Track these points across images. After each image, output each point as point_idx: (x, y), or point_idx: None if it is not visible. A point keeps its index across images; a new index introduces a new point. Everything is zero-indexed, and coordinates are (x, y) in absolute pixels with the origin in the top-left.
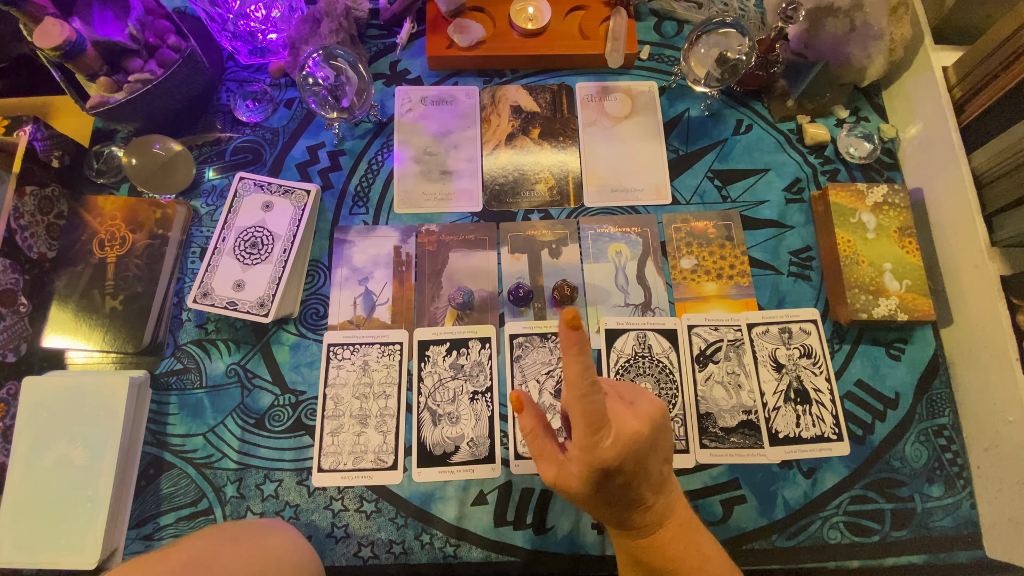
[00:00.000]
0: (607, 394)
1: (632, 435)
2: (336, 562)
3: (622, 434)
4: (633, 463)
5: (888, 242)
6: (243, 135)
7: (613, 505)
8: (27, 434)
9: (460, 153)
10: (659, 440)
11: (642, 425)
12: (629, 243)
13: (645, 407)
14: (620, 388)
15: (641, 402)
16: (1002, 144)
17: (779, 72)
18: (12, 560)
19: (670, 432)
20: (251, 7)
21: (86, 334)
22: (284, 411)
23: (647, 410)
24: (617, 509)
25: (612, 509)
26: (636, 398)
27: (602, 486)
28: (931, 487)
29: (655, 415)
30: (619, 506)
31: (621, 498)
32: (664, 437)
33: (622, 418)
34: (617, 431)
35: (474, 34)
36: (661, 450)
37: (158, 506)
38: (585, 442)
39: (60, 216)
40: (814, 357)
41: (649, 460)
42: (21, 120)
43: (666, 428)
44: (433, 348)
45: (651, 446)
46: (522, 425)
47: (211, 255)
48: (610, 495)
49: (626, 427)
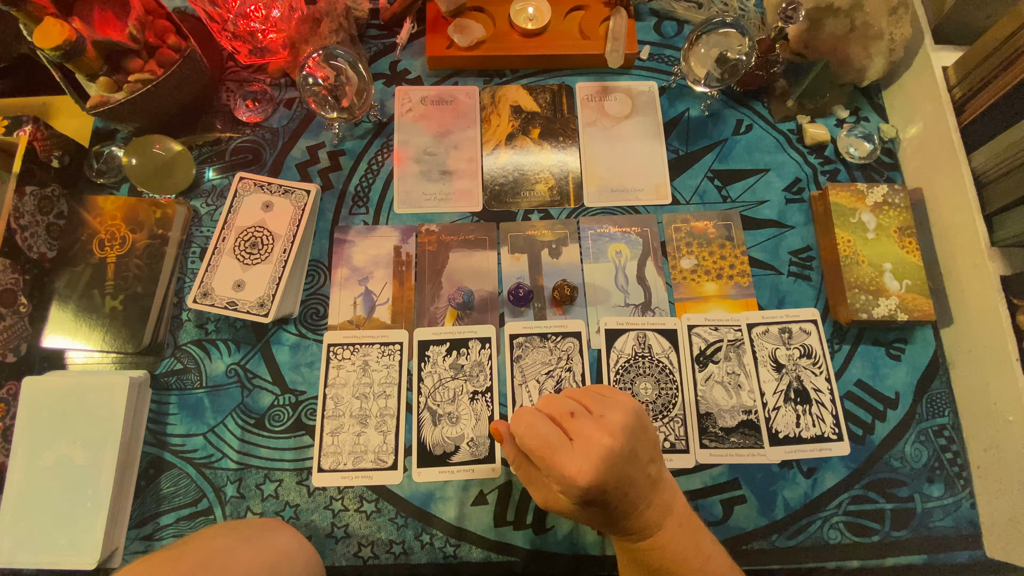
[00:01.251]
0: (574, 413)
1: (604, 454)
2: (336, 562)
3: (590, 453)
4: (615, 478)
5: (888, 242)
6: (243, 135)
7: (607, 517)
8: (27, 434)
9: (460, 153)
10: (637, 446)
11: (614, 440)
12: (629, 243)
13: (616, 417)
14: (588, 400)
15: (611, 412)
16: (1002, 144)
17: (779, 72)
18: (12, 560)
19: (648, 432)
20: (251, 7)
21: (86, 334)
22: (284, 411)
23: (619, 420)
24: (611, 520)
25: (607, 521)
26: (606, 409)
27: (590, 505)
28: (931, 487)
29: (628, 422)
30: (613, 517)
31: (613, 510)
32: (643, 441)
33: (591, 438)
34: (584, 451)
35: (474, 34)
36: (642, 454)
37: (158, 506)
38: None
39: (60, 216)
40: (814, 357)
41: (631, 468)
42: (21, 120)
43: (643, 430)
44: (433, 348)
45: (629, 456)
46: (506, 454)
47: (211, 255)
48: (600, 510)
49: (593, 445)
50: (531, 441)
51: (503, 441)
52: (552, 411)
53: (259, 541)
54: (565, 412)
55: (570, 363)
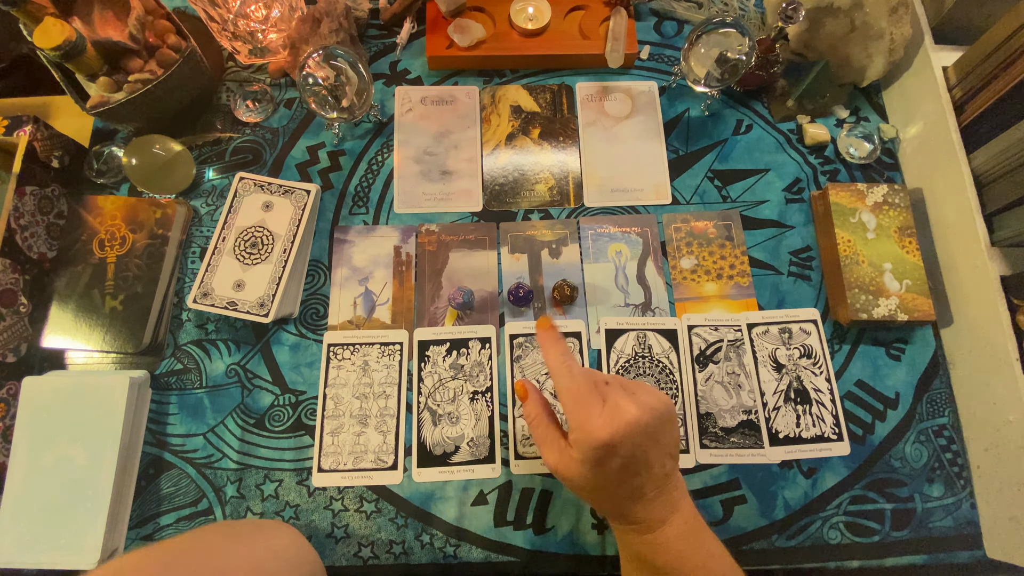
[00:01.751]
0: (608, 383)
1: (628, 418)
2: (336, 562)
3: (617, 416)
4: (631, 446)
5: (888, 242)
6: (243, 135)
7: (613, 493)
8: (27, 434)
9: (460, 153)
10: (661, 432)
11: (641, 412)
12: (629, 243)
13: (646, 398)
14: (626, 383)
15: (644, 394)
16: (1002, 144)
17: (779, 72)
18: (12, 560)
19: (675, 427)
20: (251, 7)
21: (86, 334)
22: (284, 411)
23: (648, 400)
24: (618, 498)
25: (612, 497)
26: (639, 390)
27: (601, 466)
28: (931, 487)
29: (657, 406)
30: (619, 495)
31: (621, 484)
32: (668, 431)
33: (619, 403)
34: (612, 411)
35: (474, 34)
36: (664, 443)
37: (158, 506)
38: (577, 420)
39: (60, 216)
40: (814, 357)
41: (650, 450)
42: (21, 120)
43: (670, 422)
44: (433, 348)
45: (651, 434)
46: (526, 412)
47: (211, 255)
48: (609, 479)
49: (622, 410)
50: (569, 381)
51: (526, 398)
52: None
53: (253, 539)
54: (601, 380)
55: None
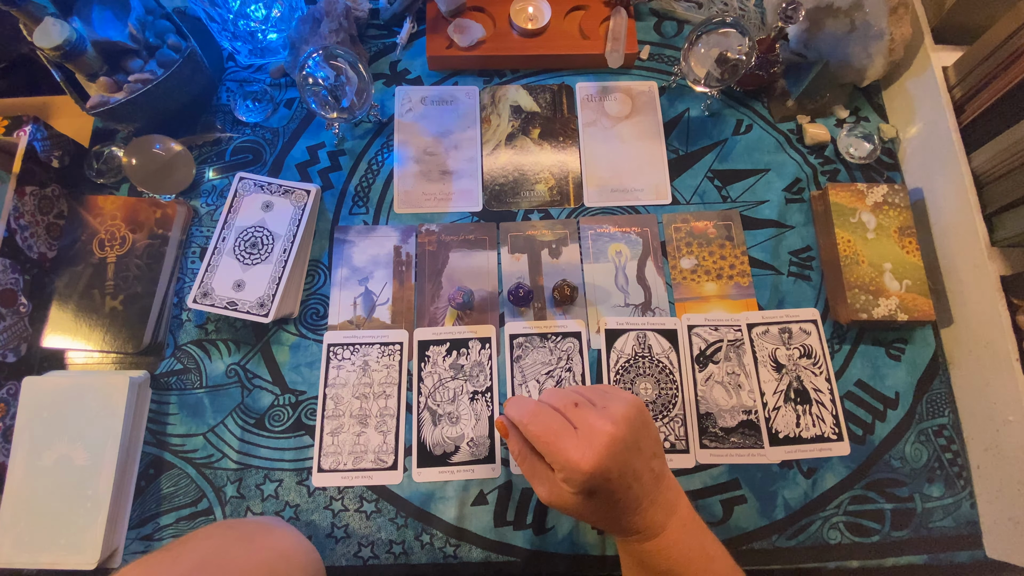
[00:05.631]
0: (577, 404)
1: (608, 440)
2: (336, 562)
3: (594, 440)
4: (618, 466)
5: (888, 242)
6: (243, 135)
7: (610, 512)
8: (27, 434)
9: (460, 153)
10: (640, 438)
11: (616, 427)
12: (629, 243)
13: (618, 408)
14: (591, 394)
15: (614, 404)
16: (1002, 144)
17: (779, 72)
18: (12, 560)
19: (651, 428)
20: (251, 7)
21: (86, 334)
22: (284, 411)
23: (621, 411)
24: (615, 515)
25: (610, 516)
26: (609, 402)
27: (594, 495)
28: (931, 487)
29: (630, 414)
30: (616, 511)
31: (616, 503)
32: (646, 434)
33: (593, 425)
34: (587, 438)
35: (474, 34)
36: (645, 448)
37: (158, 506)
38: (557, 461)
39: (60, 216)
40: (814, 357)
41: (634, 460)
42: (21, 120)
43: (645, 425)
44: (433, 348)
45: (632, 446)
46: (511, 449)
47: (211, 255)
48: (604, 502)
49: (597, 432)
50: (535, 427)
51: (508, 435)
52: (555, 402)
53: (256, 540)
54: (569, 403)
55: (570, 363)
